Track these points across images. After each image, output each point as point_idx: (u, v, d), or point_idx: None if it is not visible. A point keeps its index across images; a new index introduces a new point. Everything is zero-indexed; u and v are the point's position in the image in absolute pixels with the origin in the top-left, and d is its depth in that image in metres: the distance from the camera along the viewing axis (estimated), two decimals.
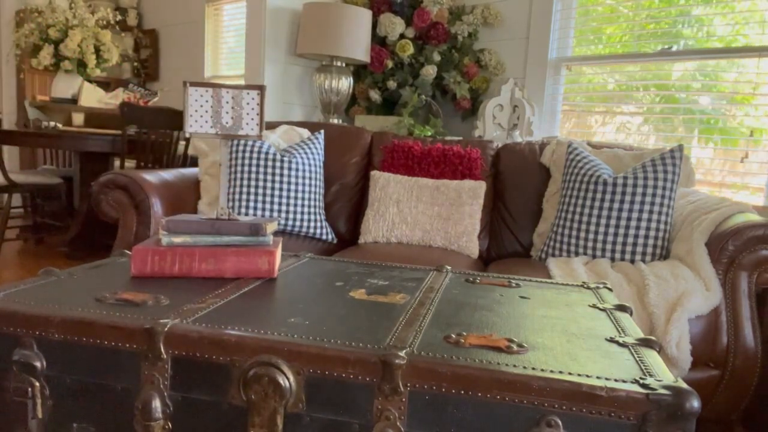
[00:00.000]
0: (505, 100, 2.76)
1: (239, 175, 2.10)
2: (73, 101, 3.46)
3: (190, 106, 1.15)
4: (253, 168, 2.10)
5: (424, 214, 2.13)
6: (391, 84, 3.01)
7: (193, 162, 3.07)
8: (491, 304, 0.96)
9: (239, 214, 2.07)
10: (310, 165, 2.20)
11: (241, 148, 2.12)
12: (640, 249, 1.81)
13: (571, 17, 2.78)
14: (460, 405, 0.67)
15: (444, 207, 2.13)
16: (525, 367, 0.67)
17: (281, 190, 2.11)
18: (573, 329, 0.84)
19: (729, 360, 1.53)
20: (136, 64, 4.70)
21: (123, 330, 0.78)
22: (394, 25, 2.96)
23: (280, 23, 3.03)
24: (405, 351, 0.70)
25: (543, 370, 0.66)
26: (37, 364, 0.81)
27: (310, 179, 2.19)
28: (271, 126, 2.45)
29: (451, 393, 0.67)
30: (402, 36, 3.01)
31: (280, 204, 2.11)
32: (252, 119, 1.18)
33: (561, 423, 0.64)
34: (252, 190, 2.09)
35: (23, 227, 3.87)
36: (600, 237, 1.86)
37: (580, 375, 0.65)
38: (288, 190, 2.13)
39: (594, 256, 1.86)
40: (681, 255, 1.67)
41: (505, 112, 2.77)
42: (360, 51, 2.90)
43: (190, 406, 0.77)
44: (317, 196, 2.23)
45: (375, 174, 2.25)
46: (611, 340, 0.80)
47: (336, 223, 2.35)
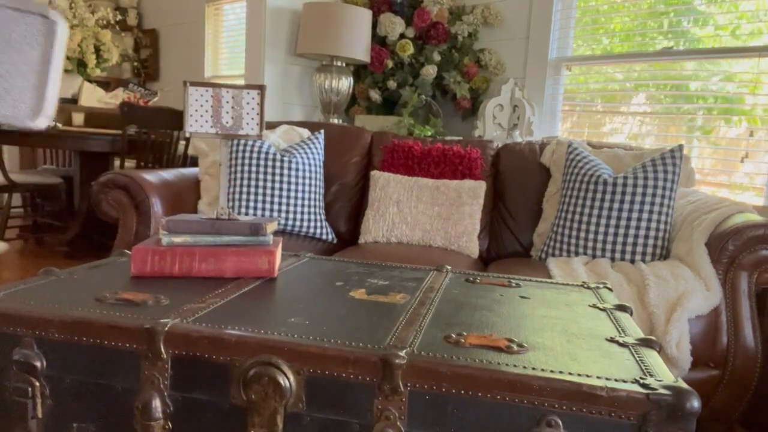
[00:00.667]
0: (505, 100, 2.76)
1: (239, 175, 2.10)
2: (73, 101, 3.46)
3: (190, 105, 1.15)
4: (253, 168, 2.10)
5: (424, 214, 2.13)
6: (391, 84, 3.01)
7: (193, 162, 3.07)
8: (491, 304, 0.96)
9: (239, 213, 2.07)
10: (310, 165, 2.20)
11: (241, 148, 2.12)
12: (640, 249, 1.81)
13: (571, 17, 2.77)
14: (460, 405, 0.67)
15: (444, 207, 2.13)
16: (525, 367, 0.67)
17: (281, 189, 2.11)
18: (573, 329, 0.84)
19: (729, 360, 1.53)
20: (136, 64, 4.70)
21: (123, 330, 0.78)
22: (394, 25, 2.96)
23: (280, 23, 3.03)
24: (405, 351, 0.70)
25: (543, 370, 0.66)
26: (37, 363, 0.81)
27: (310, 179, 2.19)
28: (271, 126, 2.45)
29: (451, 393, 0.67)
30: (402, 36, 3.01)
31: (280, 204, 2.11)
32: (252, 119, 1.18)
33: (561, 423, 0.64)
34: (252, 190, 2.09)
35: (23, 227, 3.87)
36: (600, 237, 1.86)
37: (580, 375, 0.65)
38: (288, 189, 2.13)
39: (594, 256, 1.86)
40: (681, 255, 1.67)
41: (505, 112, 2.77)
42: (360, 51, 2.90)
43: (190, 405, 0.77)
44: (317, 195, 2.23)
45: (375, 174, 2.25)
46: (611, 340, 0.80)
47: (336, 223, 2.35)
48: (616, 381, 0.64)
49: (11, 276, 3.01)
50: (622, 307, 0.97)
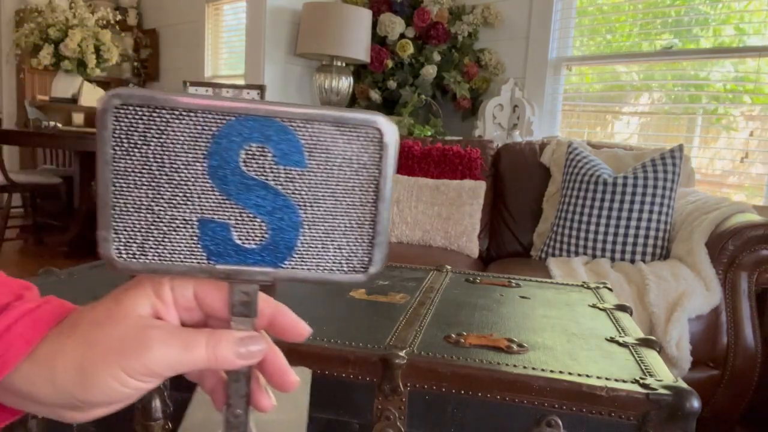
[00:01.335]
0: (505, 100, 2.76)
1: None
2: (73, 101, 3.46)
3: None
4: None
5: (424, 213, 2.13)
6: (391, 84, 3.01)
7: None
8: (491, 303, 0.96)
9: None
10: None
11: None
12: (640, 249, 1.81)
13: (571, 17, 2.77)
14: (460, 405, 0.67)
15: (444, 207, 2.13)
16: (525, 367, 0.67)
17: None
18: (573, 329, 0.84)
19: (729, 360, 1.53)
20: (136, 63, 4.70)
21: None
22: (394, 25, 2.97)
23: (280, 23, 3.03)
24: (405, 351, 0.70)
25: (543, 370, 0.66)
26: None
27: None
28: None
29: (451, 393, 0.67)
30: (402, 36, 3.01)
31: None
32: None
33: (561, 423, 0.64)
34: None
35: (23, 227, 3.87)
36: (600, 237, 1.86)
37: (580, 375, 0.65)
38: None
39: (594, 256, 1.86)
40: (681, 255, 1.67)
41: (505, 112, 2.77)
42: (360, 51, 2.90)
43: None
44: None
45: None
46: (611, 340, 0.80)
47: None
48: (616, 381, 0.64)
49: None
50: (622, 307, 0.97)
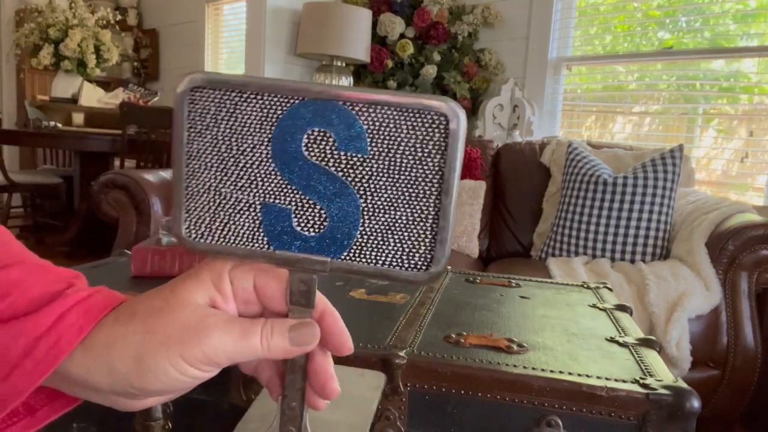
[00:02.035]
0: (505, 100, 2.76)
1: None
2: (73, 101, 3.46)
3: None
4: None
5: None
6: (391, 84, 3.01)
7: None
8: (491, 303, 0.96)
9: None
10: None
11: None
12: (640, 249, 1.81)
13: (571, 17, 2.77)
14: (460, 405, 0.67)
15: None
16: (525, 367, 0.67)
17: None
18: (573, 329, 0.84)
19: (729, 360, 1.53)
20: (136, 63, 4.70)
21: None
22: (394, 25, 2.97)
23: (280, 23, 3.03)
24: (405, 351, 0.70)
25: (543, 370, 0.66)
26: None
27: None
28: None
29: (451, 393, 0.67)
30: (402, 36, 3.01)
31: None
32: None
33: (561, 423, 0.64)
34: None
35: (23, 227, 3.87)
36: (600, 237, 1.86)
37: (580, 375, 0.65)
38: None
39: (594, 256, 1.86)
40: (681, 255, 1.67)
41: (505, 112, 2.77)
42: (360, 51, 2.90)
43: (190, 405, 0.77)
44: None
45: None
46: (611, 340, 0.80)
47: None
48: (616, 381, 0.64)
49: None
50: (622, 307, 0.97)
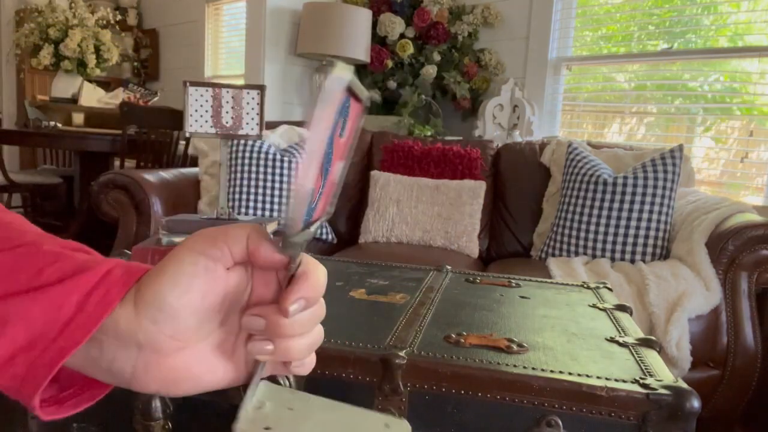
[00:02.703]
0: (505, 100, 2.76)
1: (239, 175, 2.10)
2: (73, 101, 3.46)
3: (190, 105, 1.15)
4: (253, 168, 2.10)
5: (424, 213, 2.13)
6: (391, 84, 3.00)
7: (193, 162, 3.06)
8: (491, 303, 0.96)
9: (239, 213, 2.07)
10: None
11: (241, 147, 2.12)
12: (640, 249, 1.81)
13: (571, 17, 2.77)
14: (460, 405, 0.67)
15: (444, 207, 2.13)
16: (525, 367, 0.67)
17: (281, 189, 2.11)
18: (573, 329, 0.84)
19: (729, 360, 1.53)
20: (136, 63, 4.70)
21: None
22: (394, 25, 2.96)
23: (280, 23, 3.03)
24: (405, 351, 0.70)
25: (543, 370, 0.66)
26: None
27: None
28: (272, 126, 2.45)
29: (451, 393, 0.67)
30: (402, 36, 3.01)
31: (280, 204, 2.11)
32: (252, 119, 1.18)
33: (561, 423, 0.64)
34: (252, 189, 2.09)
35: None
36: (600, 237, 1.86)
37: (580, 375, 0.65)
38: (288, 189, 2.13)
39: (594, 256, 1.86)
40: (681, 255, 1.67)
41: (505, 112, 2.77)
42: (360, 51, 2.90)
43: (190, 405, 0.77)
44: None
45: (375, 174, 2.25)
46: (611, 340, 0.80)
47: (336, 223, 2.35)
48: (616, 381, 0.64)
49: None
50: (622, 307, 0.97)
